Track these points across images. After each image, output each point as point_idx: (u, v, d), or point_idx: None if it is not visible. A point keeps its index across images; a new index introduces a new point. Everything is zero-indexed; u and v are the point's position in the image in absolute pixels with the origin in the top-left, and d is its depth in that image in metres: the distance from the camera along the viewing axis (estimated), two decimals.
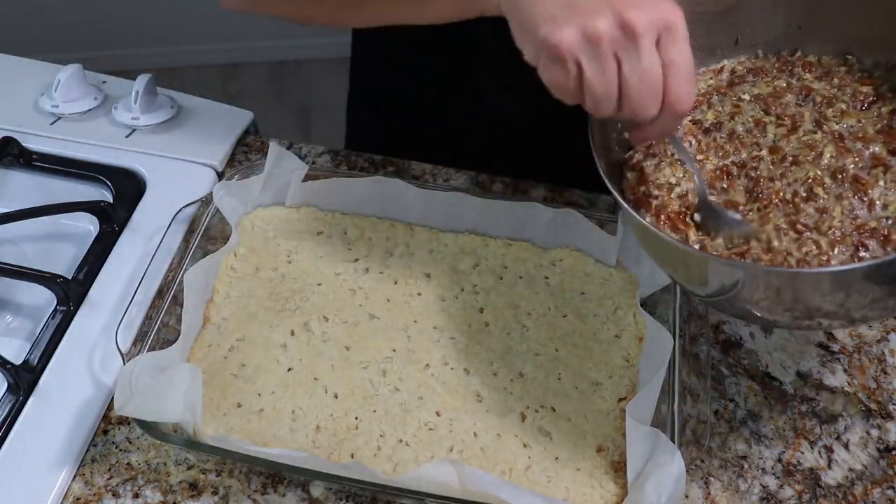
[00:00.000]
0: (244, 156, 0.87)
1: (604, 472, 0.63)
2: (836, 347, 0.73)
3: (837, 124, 0.61)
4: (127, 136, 0.86)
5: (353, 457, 0.63)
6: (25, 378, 0.66)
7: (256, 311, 0.71)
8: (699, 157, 0.63)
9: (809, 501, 0.64)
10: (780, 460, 0.66)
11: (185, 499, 0.62)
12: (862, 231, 0.55)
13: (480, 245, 0.77)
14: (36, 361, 0.67)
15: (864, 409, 0.70)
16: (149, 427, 0.60)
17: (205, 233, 0.73)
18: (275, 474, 0.63)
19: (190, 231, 0.74)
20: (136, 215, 0.79)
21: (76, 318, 0.70)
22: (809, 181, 0.58)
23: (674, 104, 0.52)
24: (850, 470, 0.66)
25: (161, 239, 0.74)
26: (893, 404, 0.70)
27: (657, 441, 0.59)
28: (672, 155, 0.63)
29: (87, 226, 0.79)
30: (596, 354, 0.69)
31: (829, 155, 0.59)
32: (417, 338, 0.70)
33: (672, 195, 0.61)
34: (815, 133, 0.61)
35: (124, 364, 0.62)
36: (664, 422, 0.62)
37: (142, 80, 0.86)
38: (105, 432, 0.65)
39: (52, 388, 0.66)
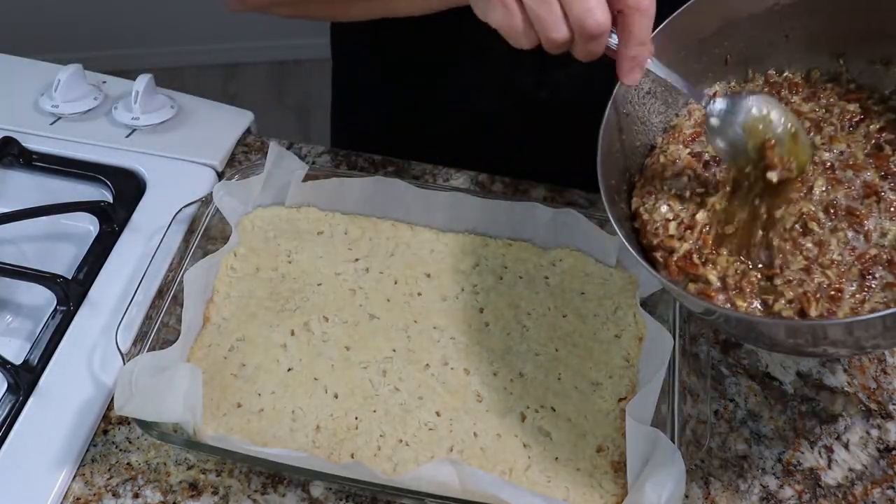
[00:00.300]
0: (244, 156, 0.87)
1: (604, 472, 0.63)
2: None
3: (827, 152, 0.61)
4: (127, 136, 0.86)
5: (353, 457, 0.63)
6: (25, 378, 0.66)
7: (256, 311, 0.71)
8: (699, 189, 0.63)
9: (809, 501, 0.64)
10: (780, 460, 0.66)
11: (185, 499, 0.62)
12: (863, 260, 0.56)
13: (480, 245, 0.77)
14: (36, 361, 0.67)
15: (864, 409, 0.70)
16: (149, 427, 0.60)
17: (205, 233, 0.73)
18: (275, 474, 0.63)
19: (190, 231, 0.74)
20: (136, 215, 0.79)
21: (76, 318, 0.70)
22: (804, 217, 0.58)
23: (577, 24, 0.54)
24: (850, 470, 0.66)
25: (161, 239, 0.74)
26: (893, 404, 0.70)
27: (657, 441, 0.59)
28: (669, 189, 0.63)
29: (87, 226, 0.79)
30: (596, 354, 0.69)
31: (819, 189, 0.59)
32: (417, 338, 0.70)
33: (670, 230, 0.61)
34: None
35: (124, 364, 0.62)
36: (664, 422, 0.62)
37: (142, 80, 0.86)
38: (105, 432, 0.65)
39: (52, 388, 0.66)
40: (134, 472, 0.63)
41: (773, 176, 0.58)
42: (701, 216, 0.61)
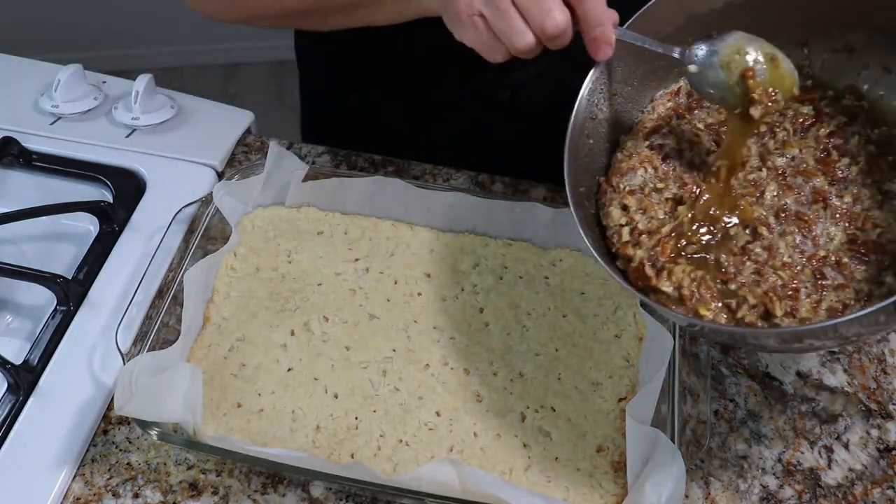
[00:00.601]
0: (244, 156, 0.87)
1: (604, 472, 0.63)
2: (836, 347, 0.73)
3: (780, 157, 0.62)
4: (127, 136, 0.86)
5: (353, 457, 0.63)
6: (25, 378, 0.66)
7: (256, 311, 0.71)
8: (659, 185, 0.63)
9: (809, 501, 0.64)
10: (780, 460, 0.66)
11: (185, 499, 0.62)
12: (813, 262, 0.57)
13: (480, 245, 0.77)
14: (36, 361, 0.67)
15: (864, 409, 0.70)
16: (149, 427, 0.60)
17: (205, 233, 0.73)
18: (275, 474, 0.63)
19: (190, 231, 0.74)
20: (136, 215, 0.79)
21: (76, 318, 0.70)
22: (755, 221, 0.59)
23: (538, 28, 0.56)
24: (850, 470, 0.66)
25: (161, 239, 0.74)
26: (893, 404, 0.70)
27: (657, 441, 0.59)
28: (623, 189, 0.63)
29: (87, 226, 0.79)
30: (596, 354, 0.69)
31: (771, 194, 0.60)
32: (417, 338, 0.70)
33: (623, 236, 0.61)
34: (761, 171, 0.62)
35: (124, 364, 0.62)
36: (664, 422, 0.62)
37: (142, 80, 0.86)
38: (105, 432, 0.65)
39: (52, 388, 0.66)
40: (134, 472, 0.63)
41: (755, 112, 0.58)
42: (660, 216, 0.61)
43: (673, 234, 0.60)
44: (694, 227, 0.60)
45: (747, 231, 0.59)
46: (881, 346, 0.74)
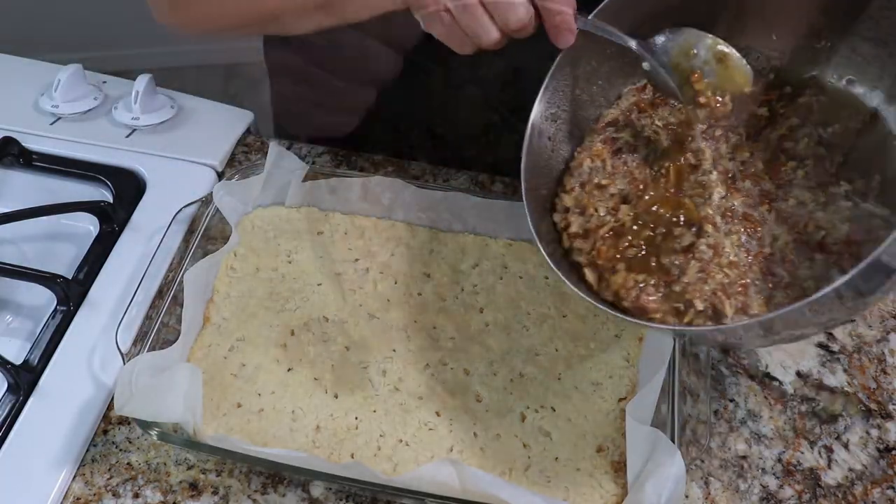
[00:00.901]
0: (244, 156, 0.87)
1: (604, 472, 0.63)
2: (836, 347, 0.73)
3: (730, 161, 0.62)
4: (127, 136, 0.86)
5: (353, 457, 0.63)
6: (25, 378, 0.66)
7: (256, 311, 0.71)
8: (604, 181, 0.62)
9: (809, 501, 0.64)
10: (780, 460, 0.66)
11: (185, 499, 0.62)
12: (760, 258, 0.57)
13: (480, 245, 0.77)
14: (36, 361, 0.67)
15: (864, 409, 0.70)
16: (149, 427, 0.60)
17: (205, 233, 0.73)
18: (275, 474, 0.63)
19: (190, 231, 0.74)
20: (136, 215, 0.79)
21: (76, 318, 0.70)
22: (700, 220, 0.59)
23: (502, 23, 0.57)
24: (850, 470, 0.66)
25: (161, 239, 0.74)
26: (893, 404, 0.70)
27: (657, 441, 0.59)
28: (569, 188, 0.63)
29: (87, 226, 0.79)
30: (596, 354, 0.69)
31: (719, 195, 0.60)
32: (417, 338, 0.70)
33: (563, 242, 0.60)
34: (711, 174, 0.62)
35: (124, 364, 0.62)
36: (664, 422, 0.62)
37: (142, 80, 0.86)
38: (105, 432, 0.65)
39: (52, 388, 0.66)
40: (134, 472, 0.63)
41: (700, 115, 0.58)
42: (601, 214, 0.60)
43: (611, 234, 0.59)
44: (636, 227, 0.59)
45: (693, 230, 0.59)
46: (881, 346, 0.74)
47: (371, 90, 0.89)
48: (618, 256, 0.59)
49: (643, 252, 0.58)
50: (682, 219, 0.59)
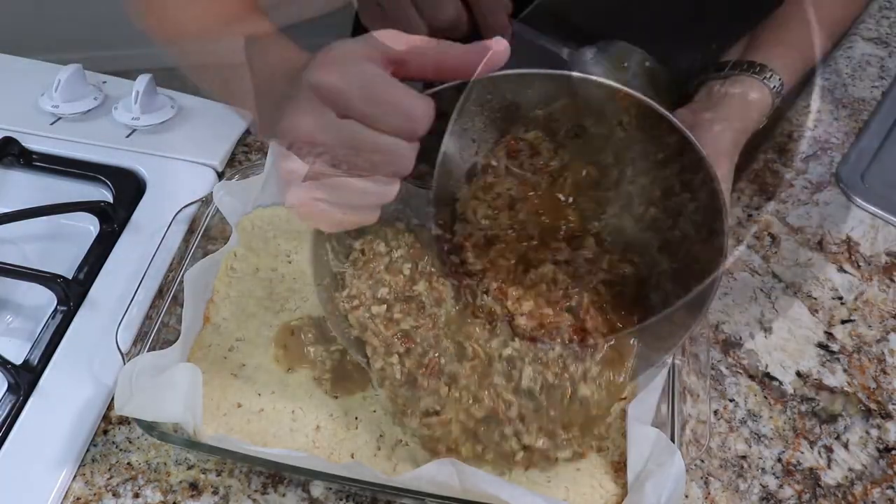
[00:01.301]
0: (244, 156, 0.87)
1: (604, 472, 0.63)
2: (835, 347, 0.74)
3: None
4: (127, 136, 0.86)
5: (353, 457, 0.63)
6: (25, 378, 0.66)
7: (256, 311, 0.71)
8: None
9: (809, 501, 0.64)
10: (779, 460, 0.66)
11: (185, 499, 0.62)
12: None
13: None
14: (36, 361, 0.67)
15: (863, 409, 0.70)
16: (149, 427, 0.60)
17: (205, 233, 0.73)
18: (275, 474, 0.63)
19: (190, 231, 0.74)
20: (136, 215, 0.79)
21: (76, 318, 0.71)
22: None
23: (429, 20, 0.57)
24: (850, 470, 0.66)
25: (161, 239, 0.74)
26: (893, 404, 0.70)
27: (657, 441, 0.59)
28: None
29: (87, 226, 0.79)
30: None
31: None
32: None
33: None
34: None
35: (124, 364, 0.62)
36: (664, 422, 0.62)
37: (142, 80, 0.86)
38: (105, 432, 0.65)
39: (52, 388, 0.66)
40: (134, 472, 0.63)
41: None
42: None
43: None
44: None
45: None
46: (881, 346, 0.74)
47: None
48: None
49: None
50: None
